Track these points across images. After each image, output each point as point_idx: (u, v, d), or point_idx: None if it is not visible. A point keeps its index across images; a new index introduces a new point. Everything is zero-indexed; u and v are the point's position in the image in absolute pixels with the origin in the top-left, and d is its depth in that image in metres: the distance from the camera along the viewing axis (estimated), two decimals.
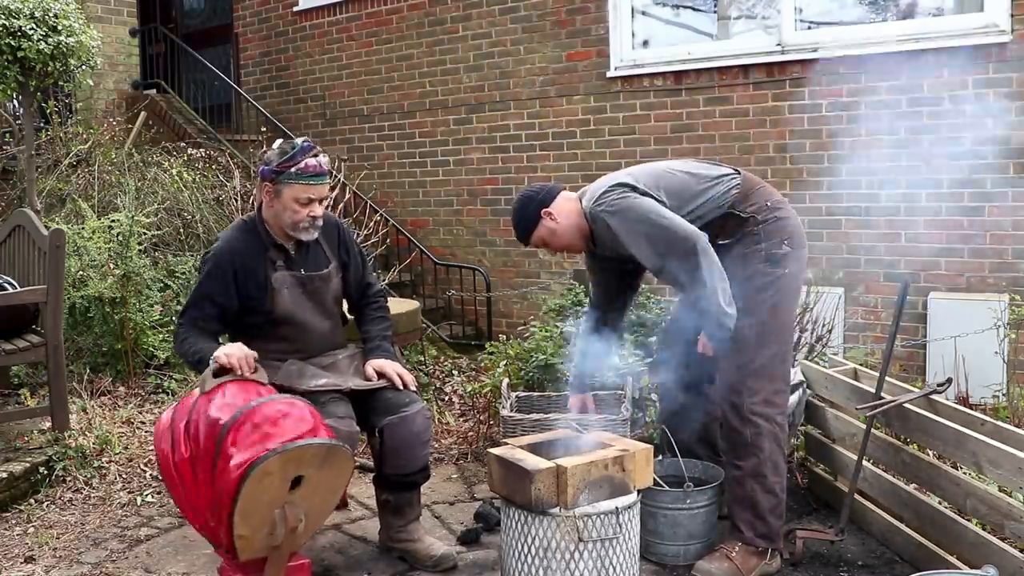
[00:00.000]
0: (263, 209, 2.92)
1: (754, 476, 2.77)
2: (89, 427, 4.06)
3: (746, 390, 2.76)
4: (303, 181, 2.80)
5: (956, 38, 4.64)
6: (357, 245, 3.17)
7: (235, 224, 3.01)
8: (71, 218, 5.50)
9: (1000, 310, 4.26)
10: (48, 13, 5.00)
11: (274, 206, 2.86)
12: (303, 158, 2.79)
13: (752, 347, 2.76)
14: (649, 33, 5.84)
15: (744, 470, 2.79)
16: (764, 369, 2.77)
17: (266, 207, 2.89)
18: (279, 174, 2.80)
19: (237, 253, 2.88)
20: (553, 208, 2.95)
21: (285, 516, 2.39)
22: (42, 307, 3.82)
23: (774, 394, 2.79)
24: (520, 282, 6.28)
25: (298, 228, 2.86)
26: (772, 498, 2.78)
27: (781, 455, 2.81)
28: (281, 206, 2.84)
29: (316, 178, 2.82)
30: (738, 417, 2.77)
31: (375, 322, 3.12)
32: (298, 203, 2.81)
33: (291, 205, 2.82)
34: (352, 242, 3.13)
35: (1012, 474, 2.36)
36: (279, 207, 2.84)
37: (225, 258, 2.86)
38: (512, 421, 3.27)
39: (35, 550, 3.15)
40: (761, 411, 2.76)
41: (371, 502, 3.22)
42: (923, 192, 4.81)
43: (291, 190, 2.80)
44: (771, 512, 2.78)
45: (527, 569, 2.47)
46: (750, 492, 2.78)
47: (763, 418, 2.76)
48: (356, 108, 7.25)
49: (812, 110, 5.08)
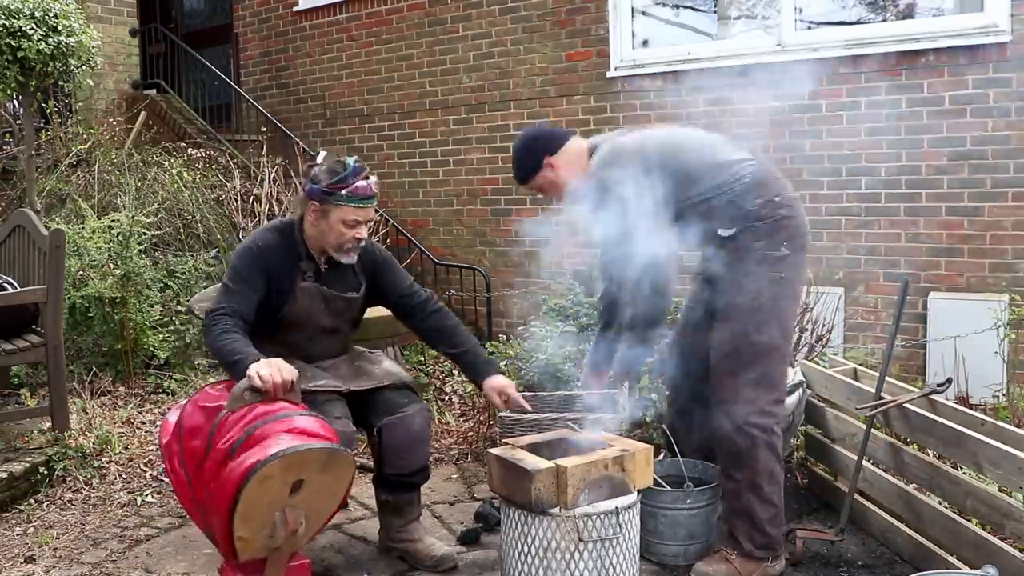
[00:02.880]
0: (305, 224, 2.87)
1: (750, 487, 2.72)
2: (89, 427, 4.06)
3: (742, 400, 2.70)
4: (353, 204, 2.77)
5: (956, 38, 4.64)
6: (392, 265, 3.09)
7: (273, 225, 2.95)
8: (71, 218, 5.51)
9: (1000, 310, 4.26)
10: (48, 13, 5.00)
11: (320, 225, 2.81)
12: (355, 180, 2.76)
13: (749, 355, 2.69)
14: (649, 33, 5.84)
15: (740, 482, 2.74)
16: (761, 379, 2.70)
17: (310, 224, 2.84)
18: (329, 195, 2.76)
19: (273, 253, 2.84)
20: (559, 158, 2.84)
21: (285, 519, 2.39)
22: (42, 307, 3.82)
23: (769, 404, 2.73)
24: (520, 282, 6.27)
25: (342, 249, 2.83)
26: (770, 508, 2.74)
27: (777, 464, 2.76)
28: (328, 226, 2.80)
29: (366, 201, 2.79)
30: (733, 427, 2.71)
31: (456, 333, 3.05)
32: (345, 225, 2.78)
33: (338, 227, 2.79)
34: (389, 270, 3.06)
35: (1012, 474, 2.36)
36: (325, 227, 2.80)
37: (264, 254, 2.82)
38: (511, 421, 3.27)
39: (35, 550, 3.15)
40: (756, 422, 2.69)
41: (371, 502, 3.22)
42: (923, 192, 4.81)
43: (340, 212, 2.77)
44: (770, 523, 2.74)
45: (527, 569, 2.47)
46: (747, 504, 2.73)
47: (759, 428, 2.70)
48: (356, 108, 7.25)
49: (812, 110, 5.08)
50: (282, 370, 2.51)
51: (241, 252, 2.85)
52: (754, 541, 2.75)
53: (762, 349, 2.70)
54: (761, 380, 2.70)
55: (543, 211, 6.17)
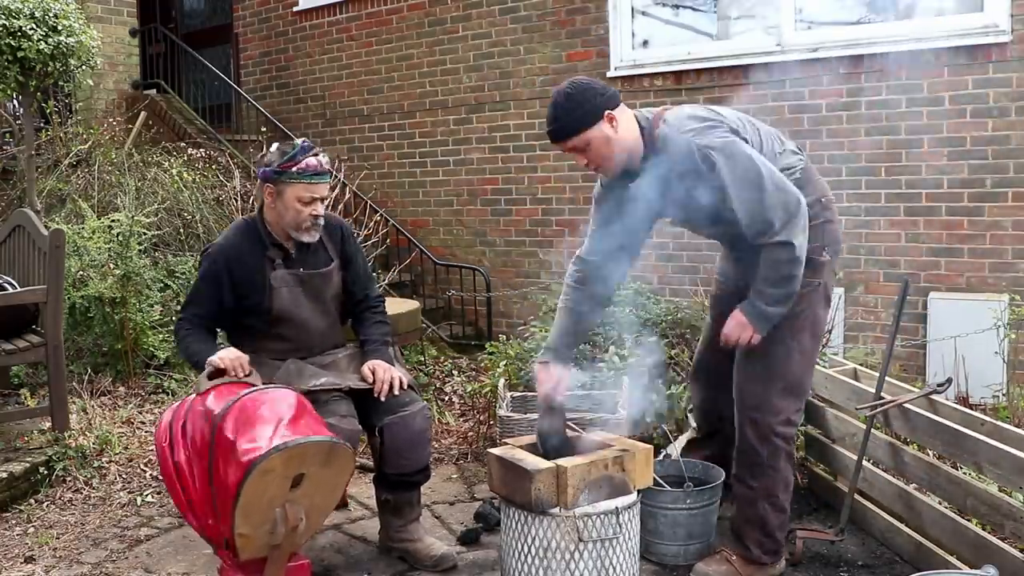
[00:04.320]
0: (264, 210, 2.94)
1: (766, 496, 2.69)
2: (89, 427, 4.06)
3: (771, 411, 2.62)
4: (305, 180, 2.82)
5: (956, 38, 4.64)
6: (360, 248, 3.18)
7: (235, 224, 3.02)
8: (71, 218, 5.50)
9: (1000, 310, 4.26)
10: (48, 13, 5.00)
11: (276, 207, 2.87)
12: (303, 157, 2.81)
13: (781, 362, 2.60)
14: (649, 33, 5.84)
15: (757, 491, 2.69)
16: (791, 388, 2.64)
17: (268, 208, 2.91)
18: (280, 174, 2.81)
19: (234, 252, 2.89)
20: (617, 113, 2.50)
21: (286, 515, 2.39)
22: (42, 307, 3.82)
23: (795, 412, 2.69)
24: (520, 282, 6.27)
25: (300, 228, 2.88)
26: (781, 515, 2.73)
27: (792, 472, 2.75)
28: (283, 206, 2.85)
29: (317, 177, 2.84)
30: (758, 436, 2.64)
31: (375, 326, 3.12)
32: (300, 202, 2.83)
33: (293, 205, 2.84)
34: (355, 244, 3.13)
35: (1012, 474, 2.36)
36: (281, 207, 2.86)
37: (220, 257, 2.89)
38: (510, 421, 3.27)
39: (35, 550, 3.15)
40: (782, 431, 2.65)
41: (371, 502, 3.22)
42: (923, 192, 4.81)
43: (293, 190, 2.82)
44: (779, 528, 2.74)
45: (527, 569, 2.47)
46: (761, 512, 2.69)
47: (783, 439, 2.65)
48: (356, 108, 7.25)
49: (812, 110, 5.08)
50: (236, 352, 2.74)
51: (201, 258, 2.97)
52: (763, 547, 2.73)
53: (795, 356, 2.62)
54: (790, 389, 2.64)
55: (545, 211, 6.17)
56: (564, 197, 6.07)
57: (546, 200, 6.18)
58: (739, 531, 2.79)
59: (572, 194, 6.02)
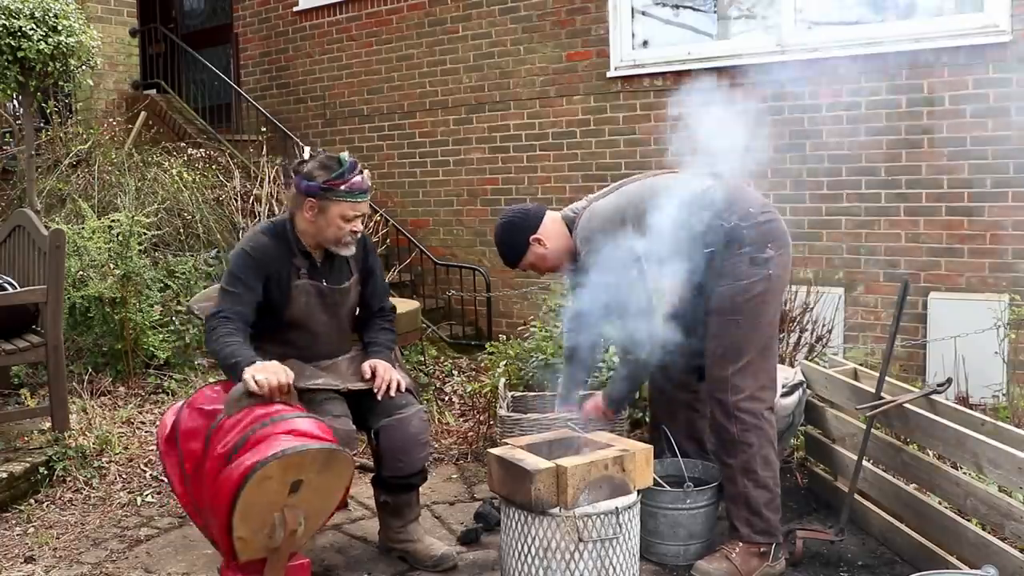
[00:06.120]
0: (298, 219, 2.88)
1: (744, 472, 2.79)
2: (89, 427, 4.06)
3: (731, 387, 2.79)
4: (351, 199, 2.81)
5: (956, 38, 4.64)
6: (379, 261, 3.18)
7: (264, 227, 2.95)
8: (71, 218, 5.50)
9: (1000, 310, 4.26)
10: (48, 13, 5.00)
11: (317, 221, 2.83)
12: (351, 176, 2.80)
13: (737, 345, 2.78)
14: (649, 33, 5.84)
15: (734, 467, 2.81)
16: (749, 367, 2.79)
17: (306, 220, 2.85)
18: (327, 191, 2.78)
19: (272, 252, 2.85)
20: (541, 233, 3.02)
21: (284, 519, 2.39)
22: (42, 307, 3.82)
23: (759, 390, 2.81)
24: (520, 282, 6.27)
25: (340, 243, 2.86)
26: (766, 493, 2.79)
27: (771, 449, 2.82)
28: (326, 222, 2.82)
29: (363, 195, 2.85)
30: (724, 414, 2.80)
31: (382, 332, 3.11)
32: (344, 219, 2.82)
33: (336, 222, 2.82)
34: (375, 258, 3.13)
35: (1012, 474, 2.36)
36: (323, 223, 2.83)
37: (259, 256, 2.83)
38: (510, 421, 3.27)
39: (35, 550, 3.15)
40: (747, 407, 2.78)
41: (371, 502, 3.22)
42: (923, 192, 4.81)
43: (339, 207, 2.80)
44: (767, 507, 2.79)
45: (527, 569, 2.47)
46: (743, 489, 2.80)
47: (749, 414, 2.78)
48: (356, 108, 7.25)
49: (812, 110, 5.08)
50: (278, 373, 2.53)
51: (237, 256, 2.87)
52: (753, 527, 2.78)
53: (749, 341, 2.79)
54: (748, 369, 2.79)
55: None
56: (564, 197, 6.07)
57: (546, 200, 6.18)
58: (729, 514, 2.86)
59: (572, 194, 6.01)
